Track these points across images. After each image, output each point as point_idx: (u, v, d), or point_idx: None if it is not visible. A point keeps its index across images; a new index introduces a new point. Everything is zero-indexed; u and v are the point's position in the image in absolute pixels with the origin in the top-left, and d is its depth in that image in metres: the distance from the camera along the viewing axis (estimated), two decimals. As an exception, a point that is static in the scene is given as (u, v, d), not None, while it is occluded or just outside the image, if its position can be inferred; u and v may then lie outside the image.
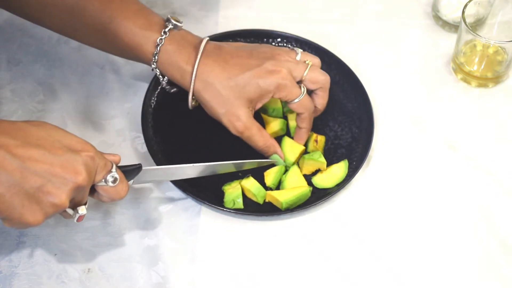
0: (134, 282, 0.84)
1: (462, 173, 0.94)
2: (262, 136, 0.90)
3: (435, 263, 0.87)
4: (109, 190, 0.77)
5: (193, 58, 0.88)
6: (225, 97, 0.87)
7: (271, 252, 0.87)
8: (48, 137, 0.72)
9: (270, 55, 0.89)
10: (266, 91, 0.88)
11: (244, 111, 0.88)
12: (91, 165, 0.73)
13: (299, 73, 0.89)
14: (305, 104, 0.90)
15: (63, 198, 0.71)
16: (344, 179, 0.92)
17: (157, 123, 0.96)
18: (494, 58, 1.03)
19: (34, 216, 0.71)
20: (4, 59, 1.04)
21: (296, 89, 0.89)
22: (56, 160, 0.71)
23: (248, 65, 0.88)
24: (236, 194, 0.89)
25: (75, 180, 0.71)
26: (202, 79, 0.87)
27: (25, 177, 0.69)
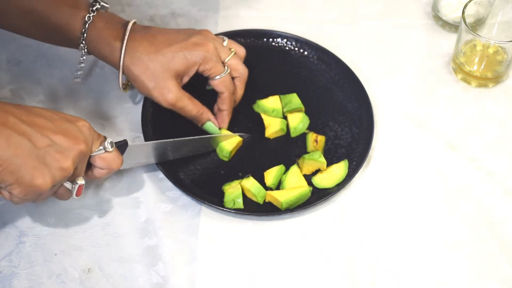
0: (134, 282, 0.84)
1: (462, 173, 0.94)
2: (195, 105, 0.92)
3: (435, 262, 0.87)
4: (106, 157, 0.80)
5: (122, 34, 0.89)
6: (153, 70, 0.88)
7: (271, 252, 0.87)
8: (46, 111, 0.77)
9: (198, 32, 0.92)
10: (192, 62, 0.89)
11: (173, 83, 0.89)
12: (88, 134, 0.78)
13: (223, 55, 0.92)
14: (227, 83, 0.92)
15: (69, 162, 0.74)
16: (344, 179, 0.92)
17: (157, 123, 0.96)
18: (494, 58, 1.03)
19: (44, 178, 0.73)
20: (4, 59, 1.04)
21: (220, 65, 0.91)
22: (58, 128, 0.75)
23: (175, 39, 0.90)
24: (236, 194, 0.89)
25: (77, 147, 0.75)
26: (130, 54, 0.88)
27: (34, 140, 0.73)
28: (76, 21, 0.89)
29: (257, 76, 1.02)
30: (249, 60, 1.01)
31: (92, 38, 0.89)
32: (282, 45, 1.06)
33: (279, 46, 1.06)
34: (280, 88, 1.00)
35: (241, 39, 1.05)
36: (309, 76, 1.03)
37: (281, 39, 1.06)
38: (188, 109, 0.91)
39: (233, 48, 0.94)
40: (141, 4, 1.12)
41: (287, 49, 1.06)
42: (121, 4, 1.12)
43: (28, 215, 0.88)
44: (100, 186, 0.91)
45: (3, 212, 0.88)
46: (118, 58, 0.89)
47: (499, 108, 1.02)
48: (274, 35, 1.06)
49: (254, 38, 1.06)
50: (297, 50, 1.05)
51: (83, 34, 0.89)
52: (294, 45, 1.05)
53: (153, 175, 0.93)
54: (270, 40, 1.06)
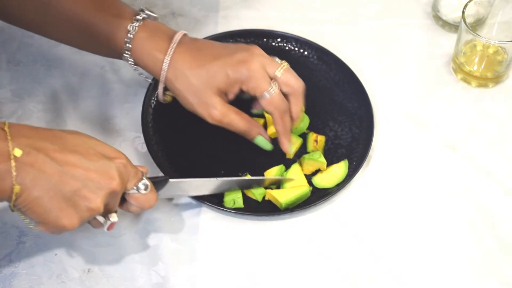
0: (134, 282, 0.84)
1: (462, 173, 0.94)
2: (243, 119, 0.88)
3: (435, 262, 0.87)
4: (139, 198, 0.78)
5: (166, 47, 0.87)
6: (196, 86, 0.86)
7: (271, 252, 0.87)
8: (84, 144, 0.74)
9: (246, 48, 0.88)
10: (234, 80, 0.86)
11: (217, 100, 0.86)
12: (123, 172, 0.75)
13: (271, 69, 0.87)
14: (276, 103, 0.87)
15: (98, 203, 0.73)
16: (344, 179, 0.92)
17: (157, 123, 0.96)
18: (494, 58, 1.03)
19: (70, 220, 0.72)
20: (4, 59, 1.04)
21: (265, 83, 0.86)
22: (92, 165, 0.73)
23: (220, 54, 0.86)
24: (236, 193, 0.89)
25: (109, 186, 0.73)
26: (173, 68, 0.86)
27: (63, 180, 0.71)
28: (120, 31, 0.87)
29: (257, 76, 1.02)
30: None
31: (136, 48, 0.87)
32: (282, 45, 1.06)
33: (279, 46, 1.06)
34: (280, 88, 1.00)
35: (241, 39, 1.05)
36: (309, 76, 1.03)
37: (281, 39, 1.06)
38: (235, 124, 0.87)
39: (284, 63, 0.89)
40: (141, 4, 1.11)
41: (287, 49, 1.06)
42: (121, 4, 1.12)
43: (28, 215, 0.88)
44: (100, 186, 0.91)
45: (3, 212, 0.88)
46: (160, 70, 0.86)
47: (499, 108, 1.02)
48: (274, 35, 1.06)
49: (254, 38, 1.06)
50: (297, 50, 1.05)
51: (126, 44, 0.87)
52: (294, 45, 1.05)
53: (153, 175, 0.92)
54: (270, 40, 1.06)
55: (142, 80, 1.01)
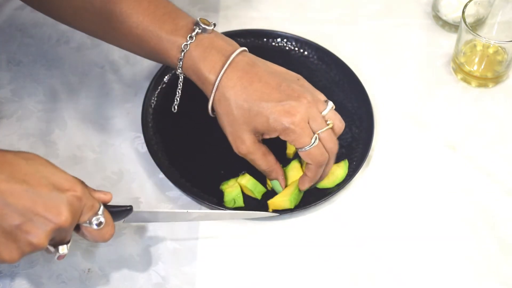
0: (134, 282, 0.84)
1: (462, 173, 0.94)
2: (266, 161, 0.87)
3: (435, 262, 0.87)
4: (93, 232, 0.75)
5: (218, 68, 0.84)
6: (235, 117, 0.84)
7: (271, 252, 0.87)
8: (35, 173, 0.70)
9: (297, 96, 0.84)
10: (273, 128, 0.83)
11: (249, 137, 0.85)
12: (76, 205, 0.71)
13: (315, 126, 0.84)
14: (313, 156, 0.84)
15: (42, 238, 0.69)
16: (344, 179, 0.92)
17: (157, 123, 0.96)
18: (494, 58, 1.03)
19: (10, 254, 0.69)
20: (4, 59, 1.04)
21: (305, 138, 0.83)
22: (40, 198, 0.69)
23: (268, 96, 0.83)
24: (236, 193, 0.89)
25: (56, 221, 0.69)
26: (221, 92, 0.84)
27: (4, 213, 0.67)
28: (173, 49, 0.85)
29: (257, 76, 1.02)
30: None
31: (188, 67, 0.85)
32: (282, 45, 1.06)
33: (279, 46, 1.06)
34: (280, 88, 1.00)
35: (241, 39, 1.05)
36: (309, 76, 1.02)
37: (281, 39, 1.06)
38: (258, 163, 0.87)
39: (331, 121, 0.85)
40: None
41: (287, 49, 1.06)
42: (121, 4, 1.11)
43: (28, 215, 0.88)
44: (100, 187, 0.91)
45: (3, 212, 0.88)
46: (210, 91, 0.84)
47: (499, 108, 1.02)
48: (274, 35, 1.06)
49: (254, 38, 1.06)
50: (297, 50, 1.05)
51: (180, 62, 0.85)
52: (294, 45, 1.05)
53: (153, 175, 0.93)
54: (270, 40, 1.06)
55: (142, 80, 1.02)
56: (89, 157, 0.94)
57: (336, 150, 0.87)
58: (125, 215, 0.79)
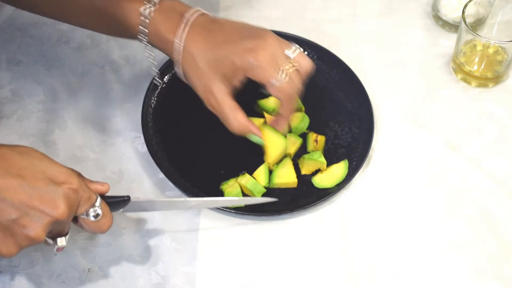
0: (134, 282, 0.84)
1: (462, 173, 0.94)
2: (236, 117, 0.86)
3: (435, 262, 0.87)
4: (90, 223, 0.75)
5: (180, 28, 0.85)
6: (202, 69, 0.85)
7: (271, 252, 0.87)
8: (31, 167, 0.70)
9: (260, 35, 0.85)
10: (239, 68, 0.84)
11: (218, 87, 0.85)
12: (73, 198, 0.71)
13: (281, 62, 0.85)
14: (283, 90, 0.85)
15: (39, 232, 0.69)
16: (344, 179, 0.92)
17: (157, 123, 0.96)
18: (494, 58, 1.03)
19: (8, 248, 0.69)
20: (4, 59, 1.04)
21: (271, 71, 0.83)
22: (36, 192, 0.69)
23: (230, 40, 0.84)
24: (236, 193, 0.89)
25: (53, 214, 0.69)
26: (185, 50, 0.85)
27: (0, 209, 0.68)
28: (134, 15, 0.85)
29: (257, 76, 1.02)
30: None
31: (150, 31, 0.86)
32: (282, 45, 1.06)
33: (279, 46, 1.06)
34: (280, 88, 1.00)
35: (241, 39, 1.05)
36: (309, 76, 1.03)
37: (281, 39, 1.06)
38: (228, 119, 0.86)
39: (297, 59, 0.86)
40: None
41: (287, 49, 1.06)
42: (121, 4, 1.11)
43: (28, 215, 0.88)
44: (100, 186, 0.91)
45: (3, 212, 0.88)
46: (174, 52, 0.85)
47: (499, 108, 1.02)
48: (274, 35, 1.06)
49: (254, 38, 1.06)
50: (297, 50, 1.05)
51: (141, 28, 0.86)
52: (294, 45, 1.05)
53: (153, 175, 0.93)
54: (270, 40, 1.06)
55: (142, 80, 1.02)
56: (89, 157, 0.94)
57: (299, 92, 0.87)
58: (123, 206, 0.79)
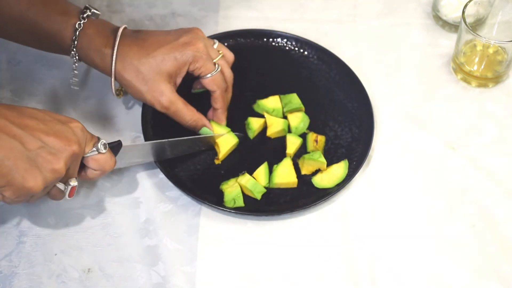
0: (134, 282, 0.84)
1: (462, 173, 0.94)
2: (189, 110, 0.91)
3: (435, 262, 0.87)
4: (99, 159, 0.80)
5: (112, 41, 0.88)
6: (145, 73, 0.88)
7: (271, 252, 0.87)
8: (39, 112, 0.76)
9: (188, 30, 0.91)
10: (183, 62, 0.89)
11: (166, 86, 0.89)
12: (81, 135, 0.77)
13: (213, 54, 0.91)
14: (218, 81, 0.91)
15: (61, 164, 0.74)
16: (344, 179, 0.92)
17: (157, 123, 0.96)
18: (494, 58, 1.03)
19: (35, 180, 0.73)
20: (4, 59, 1.04)
21: (210, 63, 0.90)
22: (50, 129, 0.75)
23: (165, 40, 0.89)
24: (236, 193, 0.89)
25: (70, 148, 0.75)
26: (121, 60, 0.88)
27: (25, 142, 0.72)
28: (66, 29, 0.89)
29: (257, 76, 1.02)
30: (249, 60, 1.01)
31: (83, 45, 0.89)
32: (282, 45, 1.06)
33: (279, 46, 1.06)
34: (280, 88, 1.00)
35: (241, 39, 1.05)
36: (309, 76, 1.03)
37: (281, 39, 1.06)
38: (182, 113, 0.91)
39: (222, 51, 0.93)
40: (141, 4, 1.12)
41: (287, 49, 1.06)
42: (121, 4, 1.12)
43: (28, 215, 0.88)
44: (100, 186, 0.91)
45: (3, 212, 0.88)
46: (109, 65, 0.88)
47: (499, 108, 1.02)
48: (274, 35, 1.06)
49: (254, 38, 1.06)
50: (297, 50, 1.05)
51: (74, 42, 0.89)
52: (294, 45, 1.05)
53: (153, 175, 0.93)
54: (270, 40, 1.06)
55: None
56: (89, 157, 0.94)
57: (232, 76, 0.94)
58: (117, 150, 0.84)
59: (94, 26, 0.89)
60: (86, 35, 0.89)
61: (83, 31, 0.88)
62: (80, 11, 0.90)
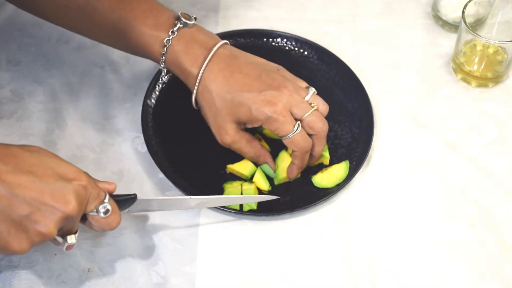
0: (134, 282, 0.84)
1: (462, 173, 0.94)
2: (252, 148, 0.89)
3: (434, 262, 0.87)
4: (100, 220, 0.76)
5: (200, 62, 0.86)
6: (218, 108, 0.86)
7: (271, 252, 0.87)
8: (41, 164, 0.71)
9: (277, 85, 0.86)
10: (255, 118, 0.86)
11: (232, 127, 0.87)
12: (82, 194, 0.72)
13: (299, 112, 0.86)
14: (297, 143, 0.87)
15: (51, 228, 0.70)
16: (344, 179, 0.92)
17: (157, 123, 0.96)
18: (494, 58, 1.03)
19: (20, 244, 0.70)
20: (4, 59, 1.04)
21: (288, 126, 0.86)
22: (47, 188, 0.70)
23: (250, 86, 0.86)
24: (236, 193, 0.89)
25: (64, 210, 0.70)
26: (203, 84, 0.86)
27: (12, 204, 0.68)
28: (155, 44, 0.86)
29: (257, 76, 1.02)
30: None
31: (170, 61, 0.87)
32: (282, 45, 1.06)
33: (279, 46, 1.06)
34: (280, 88, 1.00)
35: (241, 39, 1.05)
36: (309, 76, 1.03)
37: (281, 39, 1.06)
38: (245, 151, 0.89)
39: (315, 104, 0.88)
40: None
41: (287, 49, 1.06)
42: (121, 4, 1.11)
43: (28, 215, 0.88)
44: (100, 186, 0.91)
45: (3, 212, 0.88)
46: (193, 84, 0.87)
47: (499, 108, 1.02)
48: (274, 35, 1.06)
49: (254, 38, 1.06)
50: (297, 50, 1.05)
51: (162, 57, 0.87)
52: (294, 45, 1.05)
53: (153, 175, 0.93)
54: (270, 40, 1.06)
55: (142, 80, 1.02)
56: (89, 157, 0.94)
57: (326, 129, 0.89)
58: (130, 204, 0.80)
59: (183, 42, 0.86)
60: (173, 52, 0.86)
61: (171, 47, 0.86)
62: (171, 23, 0.87)
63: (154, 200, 0.84)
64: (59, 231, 0.72)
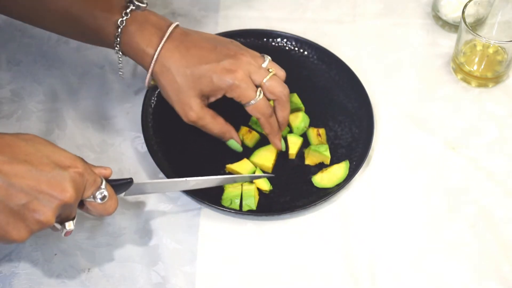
0: (134, 282, 0.84)
1: (462, 173, 0.94)
2: (217, 123, 0.90)
3: (435, 262, 0.87)
4: (97, 206, 0.76)
5: (156, 41, 0.87)
6: (180, 84, 0.87)
7: (271, 252, 0.87)
8: (36, 153, 0.71)
9: (233, 53, 0.88)
10: (218, 87, 0.87)
11: (196, 101, 0.88)
12: (79, 181, 0.73)
13: (258, 78, 0.88)
14: (260, 109, 0.88)
15: (48, 215, 0.70)
16: (344, 179, 0.92)
17: (157, 123, 0.96)
18: (494, 58, 1.03)
19: (19, 233, 0.70)
20: (4, 59, 1.04)
21: (250, 92, 0.87)
22: (43, 176, 0.70)
23: (207, 58, 0.87)
24: (235, 194, 0.89)
25: (61, 197, 0.71)
26: (161, 63, 0.87)
27: (10, 194, 0.69)
28: (109, 26, 0.87)
29: (257, 76, 1.02)
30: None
31: (125, 42, 0.87)
32: (282, 45, 1.06)
33: (279, 46, 1.06)
34: (280, 88, 1.00)
35: (241, 39, 1.04)
36: (309, 76, 1.03)
37: (281, 39, 1.06)
38: (210, 127, 0.90)
39: (272, 69, 0.89)
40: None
41: (287, 49, 1.06)
42: (121, 4, 1.11)
43: (28, 215, 0.88)
44: (100, 186, 0.91)
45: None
46: (148, 64, 0.87)
47: (499, 108, 1.02)
48: (274, 35, 1.06)
49: (254, 38, 1.06)
50: (297, 50, 1.05)
51: (117, 39, 0.87)
52: (294, 45, 1.05)
53: (153, 175, 0.93)
54: (270, 40, 1.06)
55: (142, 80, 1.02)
56: (89, 157, 0.94)
57: (287, 93, 0.90)
58: (126, 188, 0.81)
59: (138, 23, 0.87)
60: (128, 32, 0.87)
61: (126, 28, 0.87)
62: (124, 5, 0.87)
63: (150, 183, 0.84)
64: (57, 218, 0.73)
